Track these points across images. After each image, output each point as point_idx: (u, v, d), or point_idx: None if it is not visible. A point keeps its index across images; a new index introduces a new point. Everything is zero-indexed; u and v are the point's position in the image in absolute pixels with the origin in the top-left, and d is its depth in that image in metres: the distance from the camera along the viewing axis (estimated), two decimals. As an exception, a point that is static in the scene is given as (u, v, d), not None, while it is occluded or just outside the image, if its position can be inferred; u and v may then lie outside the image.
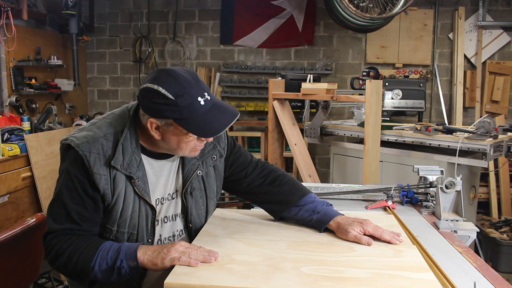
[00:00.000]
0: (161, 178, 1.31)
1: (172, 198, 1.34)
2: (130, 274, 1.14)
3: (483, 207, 4.10)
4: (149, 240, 1.30)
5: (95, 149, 1.18)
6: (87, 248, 1.15)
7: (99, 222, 1.24)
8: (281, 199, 1.42)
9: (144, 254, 1.13)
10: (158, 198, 1.31)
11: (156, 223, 1.30)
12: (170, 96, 1.12)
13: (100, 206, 1.22)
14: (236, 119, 1.20)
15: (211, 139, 1.26)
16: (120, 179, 1.21)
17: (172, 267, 1.07)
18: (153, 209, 1.28)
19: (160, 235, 1.33)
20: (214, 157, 1.38)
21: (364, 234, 1.26)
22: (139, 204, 1.25)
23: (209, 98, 1.17)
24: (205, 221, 1.41)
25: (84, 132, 1.22)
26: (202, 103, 1.15)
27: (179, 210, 1.36)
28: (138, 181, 1.23)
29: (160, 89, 1.12)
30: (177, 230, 1.37)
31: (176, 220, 1.36)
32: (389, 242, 1.25)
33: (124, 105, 1.33)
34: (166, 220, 1.34)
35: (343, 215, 1.37)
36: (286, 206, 1.41)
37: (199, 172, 1.35)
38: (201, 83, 1.18)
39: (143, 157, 1.27)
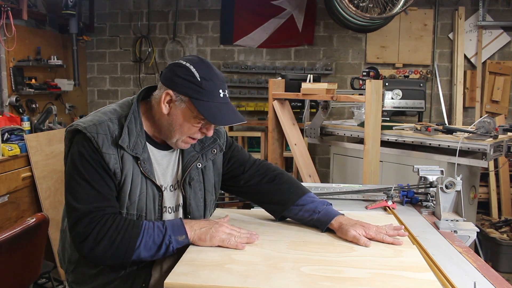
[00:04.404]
0: (161, 167, 1.34)
1: (174, 189, 1.36)
2: (176, 247, 1.17)
3: (483, 207, 4.10)
4: None
5: (102, 130, 1.21)
6: (129, 227, 1.16)
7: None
8: (280, 198, 1.43)
9: (191, 229, 1.18)
10: (161, 185, 1.32)
11: (163, 209, 1.32)
12: (197, 76, 1.20)
13: (116, 184, 1.23)
14: (241, 123, 1.27)
15: (211, 132, 1.30)
16: (127, 159, 1.23)
17: (172, 266, 1.07)
18: (159, 190, 1.29)
19: None
20: (214, 151, 1.41)
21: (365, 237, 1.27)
22: (146, 185, 1.27)
23: (227, 95, 1.27)
24: (204, 216, 1.42)
25: (89, 118, 1.26)
26: (221, 95, 1.24)
27: (180, 201, 1.38)
28: (144, 162, 1.26)
29: (191, 67, 1.21)
30: None
31: (178, 210, 1.38)
32: (392, 244, 1.26)
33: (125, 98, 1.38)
34: (170, 211, 1.36)
35: (343, 214, 1.37)
36: (286, 206, 1.42)
37: (199, 165, 1.38)
38: (225, 83, 1.27)
39: (146, 144, 1.30)
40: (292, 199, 1.41)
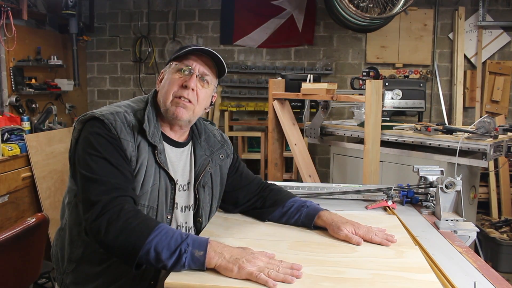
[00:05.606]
0: (172, 163, 1.34)
1: (184, 190, 1.37)
2: (189, 264, 1.03)
3: (483, 207, 4.11)
4: (168, 217, 1.30)
5: (119, 118, 1.23)
6: (148, 218, 1.11)
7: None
8: (271, 202, 1.47)
9: (217, 253, 1.03)
10: (174, 178, 1.32)
11: (175, 205, 1.32)
12: (183, 45, 1.29)
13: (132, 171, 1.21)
14: (217, 55, 1.31)
15: (191, 83, 1.28)
16: (144, 148, 1.24)
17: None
18: (172, 182, 1.29)
19: (176, 221, 1.35)
20: (222, 156, 1.44)
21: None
22: (159, 176, 1.27)
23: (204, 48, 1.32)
24: (208, 220, 1.43)
25: (103, 108, 1.26)
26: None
27: (191, 203, 1.38)
28: (160, 153, 1.26)
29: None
30: (188, 222, 1.39)
31: (188, 211, 1.38)
32: (380, 244, 1.25)
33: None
34: (181, 209, 1.36)
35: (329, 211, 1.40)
36: (274, 208, 1.45)
37: (209, 169, 1.40)
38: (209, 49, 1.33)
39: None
40: (283, 199, 1.46)
